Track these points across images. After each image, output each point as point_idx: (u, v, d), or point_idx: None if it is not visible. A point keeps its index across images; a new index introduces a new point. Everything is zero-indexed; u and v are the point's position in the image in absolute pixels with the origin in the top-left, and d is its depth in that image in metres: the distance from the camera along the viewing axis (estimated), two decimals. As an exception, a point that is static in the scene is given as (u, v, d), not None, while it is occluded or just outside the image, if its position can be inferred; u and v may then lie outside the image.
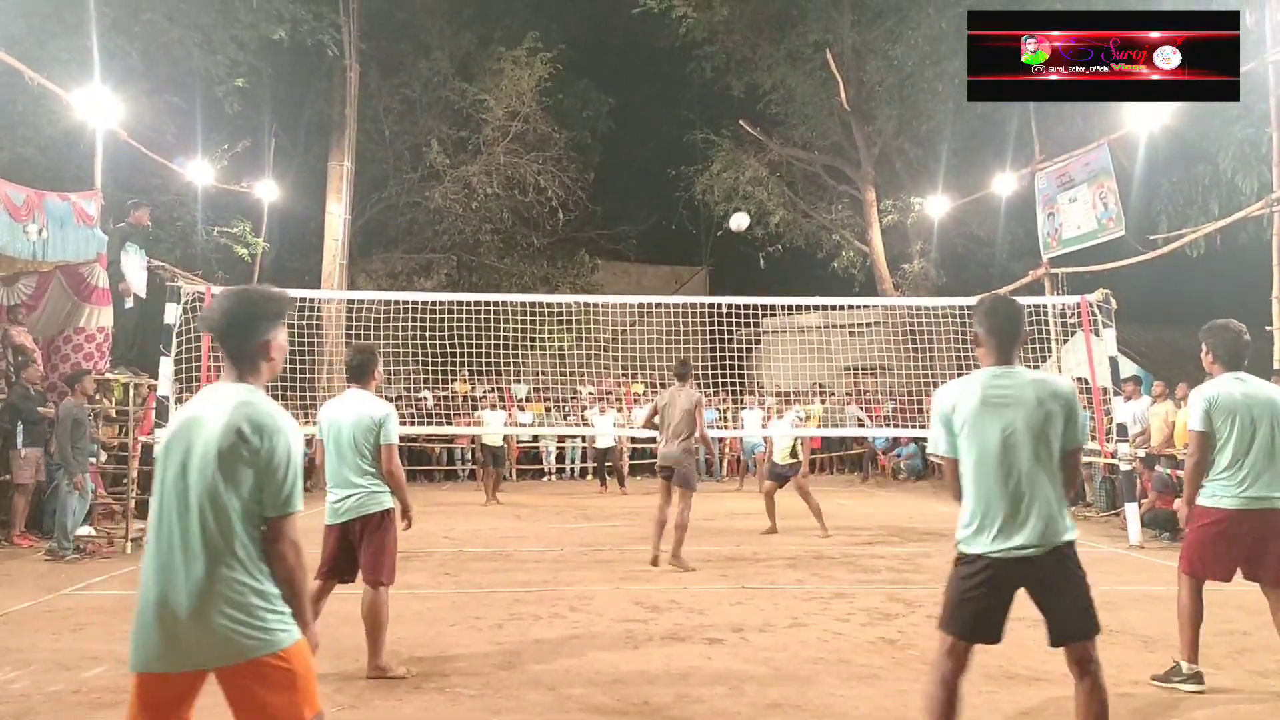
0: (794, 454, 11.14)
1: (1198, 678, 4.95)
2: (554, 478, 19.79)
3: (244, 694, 2.57)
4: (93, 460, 10.96)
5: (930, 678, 3.48)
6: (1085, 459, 12.80)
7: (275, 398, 2.73)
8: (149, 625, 2.55)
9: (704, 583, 8.04)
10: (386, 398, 20.24)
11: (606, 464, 17.50)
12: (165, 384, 10.50)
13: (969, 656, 3.47)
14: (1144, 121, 13.55)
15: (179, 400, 10.79)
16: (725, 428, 18.10)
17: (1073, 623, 3.45)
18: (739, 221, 15.78)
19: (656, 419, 8.98)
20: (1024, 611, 6.83)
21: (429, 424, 16.44)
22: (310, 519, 5.64)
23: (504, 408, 17.22)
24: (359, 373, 5.44)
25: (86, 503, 9.72)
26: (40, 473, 10.22)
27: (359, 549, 5.24)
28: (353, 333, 18.61)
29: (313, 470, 7.23)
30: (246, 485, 2.59)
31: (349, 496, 5.20)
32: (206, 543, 2.55)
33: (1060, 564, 3.41)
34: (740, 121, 23.21)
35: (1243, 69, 8.42)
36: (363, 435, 5.20)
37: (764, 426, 15.03)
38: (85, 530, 9.87)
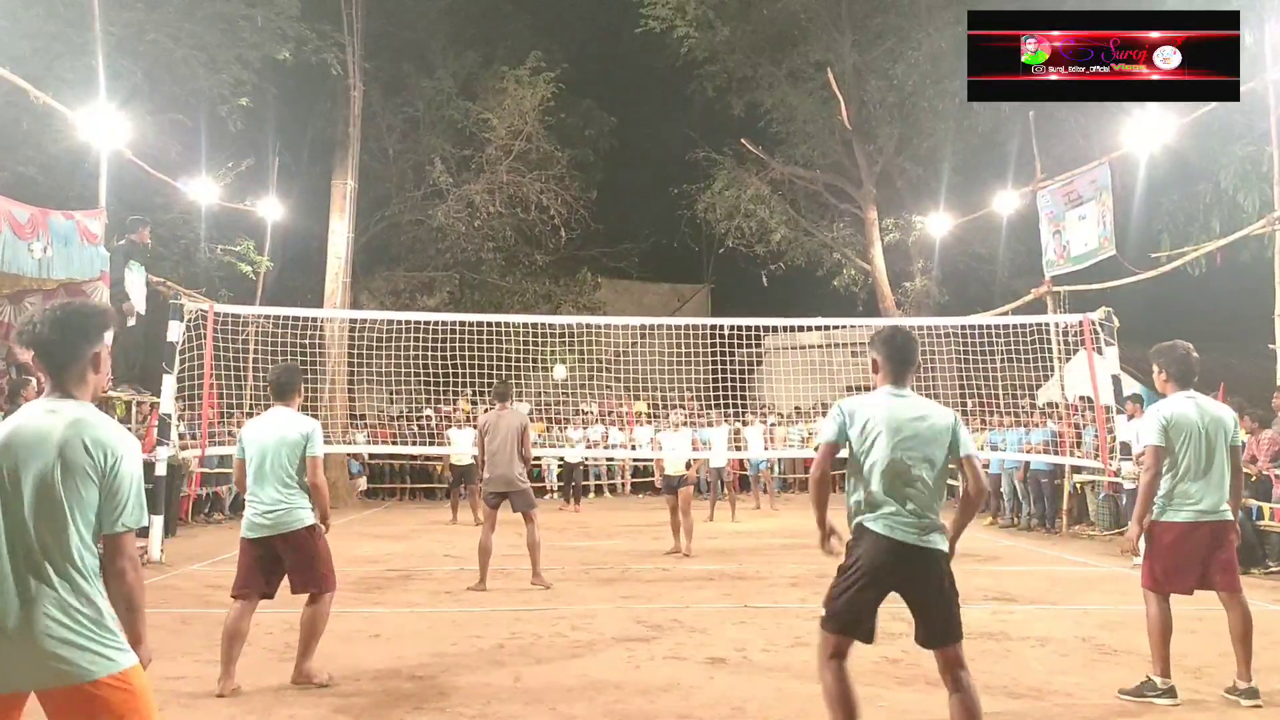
0: (687, 465, 11.31)
1: (1171, 692, 4.96)
2: (555, 496, 19.73)
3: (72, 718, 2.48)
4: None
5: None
6: (1088, 477, 12.79)
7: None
8: None
9: (706, 602, 8.00)
10: (390, 416, 20.28)
11: (571, 483, 17.74)
12: (167, 402, 10.51)
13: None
14: (1145, 140, 13.56)
15: (180, 417, 10.81)
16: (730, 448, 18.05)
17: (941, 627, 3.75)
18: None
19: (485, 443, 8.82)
20: (1028, 631, 6.80)
21: (431, 443, 16.41)
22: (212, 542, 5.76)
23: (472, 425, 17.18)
24: (284, 391, 5.60)
25: None
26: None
27: (284, 564, 5.38)
28: (355, 351, 18.64)
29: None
30: (88, 502, 2.53)
31: (270, 511, 5.32)
32: (36, 560, 2.45)
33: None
34: (742, 140, 23.29)
35: (1243, 88, 8.43)
36: (288, 451, 5.36)
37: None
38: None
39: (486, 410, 17.59)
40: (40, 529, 2.47)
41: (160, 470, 10.41)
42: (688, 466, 11.34)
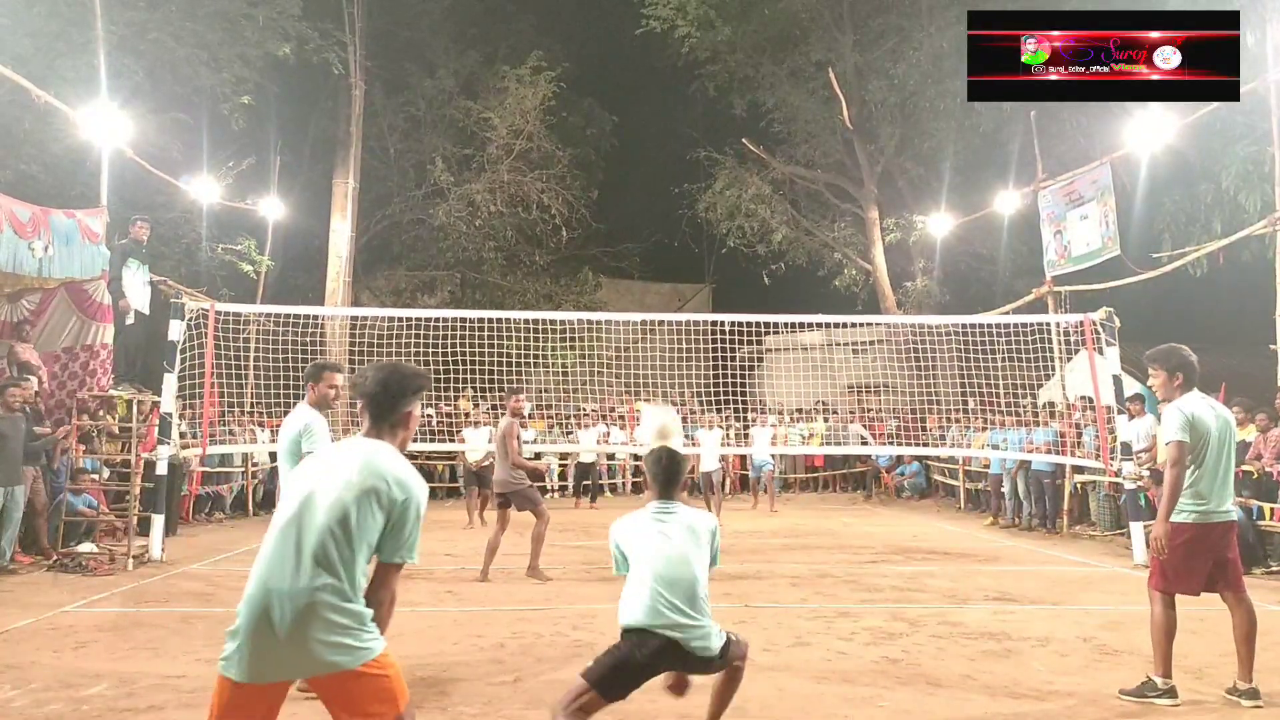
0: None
1: (1172, 692, 4.96)
2: (557, 495, 19.72)
3: (341, 699, 2.81)
4: (95, 477, 10.96)
5: None
6: (1090, 477, 12.78)
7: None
8: (251, 637, 2.74)
9: (707, 601, 7.99)
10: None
11: (585, 481, 18.19)
12: (168, 401, 10.50)
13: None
14: (1146, 140, 13.55)
15: (181, 416, 10.82)
16: (727, 444, 18.06)
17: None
18: None
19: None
20: (1028, 632, 6.80)
21: (432, 441, 16.38)
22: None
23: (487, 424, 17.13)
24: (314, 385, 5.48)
25: None
26: (41, 492, 10.17)
27: None
28: (356, 349, 18.64)
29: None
30: (375, 527, 2.84)
31: None
32: (322, 566, 2.76)
33: None
34: (743, 140, 23.30)
35: (1244, 88, 8.42)
36: (288, 447, 5.26)
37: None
38: (88, 547, 9.86)
39: (489, 410, 17.76)
40: (329, 542, 2.78)
41: (161, 469, 10.40)
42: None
